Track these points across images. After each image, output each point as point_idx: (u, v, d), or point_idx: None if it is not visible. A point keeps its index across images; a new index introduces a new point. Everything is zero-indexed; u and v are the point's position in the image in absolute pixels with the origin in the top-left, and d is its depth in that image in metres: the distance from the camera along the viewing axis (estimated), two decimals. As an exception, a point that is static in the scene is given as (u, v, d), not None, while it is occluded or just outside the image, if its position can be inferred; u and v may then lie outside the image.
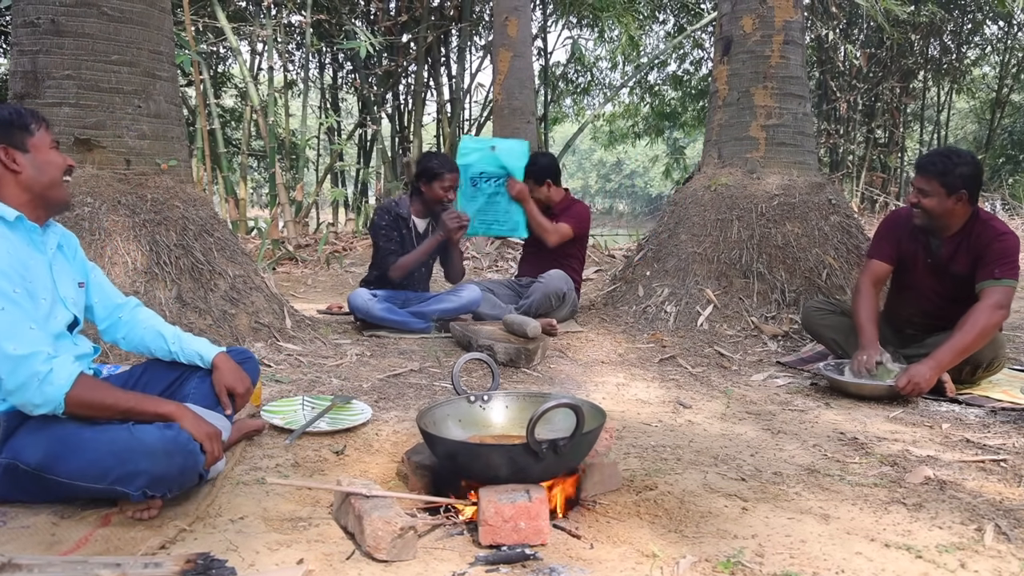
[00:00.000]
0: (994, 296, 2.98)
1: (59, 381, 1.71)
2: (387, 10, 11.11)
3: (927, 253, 3.23)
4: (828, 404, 3.01)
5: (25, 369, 1.68)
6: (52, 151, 1.93)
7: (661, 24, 14.82)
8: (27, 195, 1.88)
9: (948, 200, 3.05)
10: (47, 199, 1.93)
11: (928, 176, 3.06)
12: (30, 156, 1.87)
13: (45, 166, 1.90)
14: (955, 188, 3.03)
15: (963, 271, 3.12)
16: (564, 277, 4.40)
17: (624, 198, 50.69)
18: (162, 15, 3.59)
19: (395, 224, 4.27)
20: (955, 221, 3.12)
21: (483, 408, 2.18)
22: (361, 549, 1.64)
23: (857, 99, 12.36)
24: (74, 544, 1.65)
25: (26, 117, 1.89)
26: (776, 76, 4.81)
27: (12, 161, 1.85)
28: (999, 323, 2.99)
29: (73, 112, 3.35)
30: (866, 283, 3.33)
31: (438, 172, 4.18)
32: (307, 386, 3.10)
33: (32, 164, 1.88)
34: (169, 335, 2.18)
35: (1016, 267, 3.03)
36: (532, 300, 4.34)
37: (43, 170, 1.89)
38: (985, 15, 12.66)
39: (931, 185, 3.06)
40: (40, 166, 1.89)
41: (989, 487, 2.11)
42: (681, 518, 1.87)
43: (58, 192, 1.95)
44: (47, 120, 1.96)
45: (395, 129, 12.63)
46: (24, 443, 1.77)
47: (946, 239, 3.16)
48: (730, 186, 4.81)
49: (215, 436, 1.87)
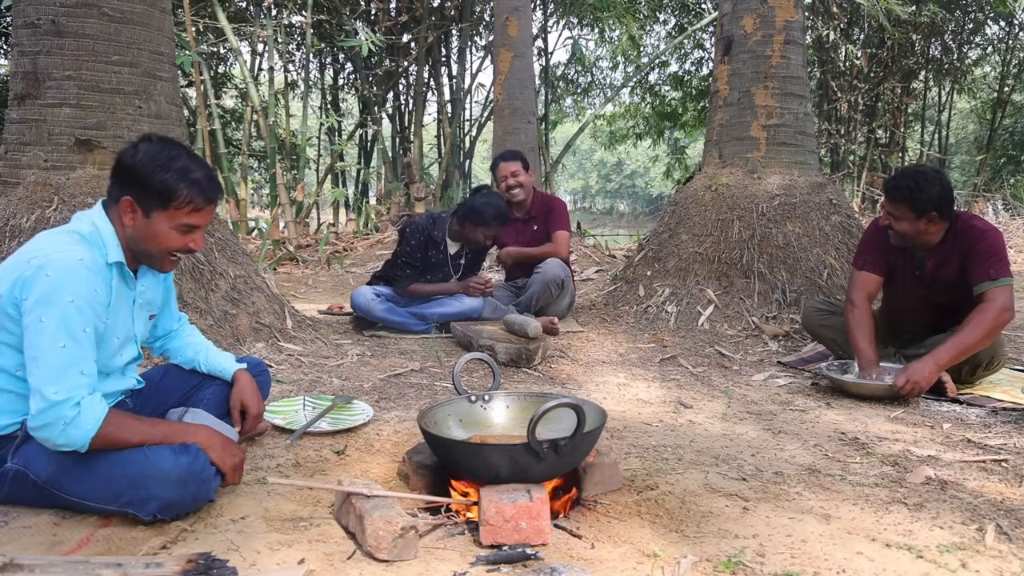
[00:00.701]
0: (1000, 298, 2.94)
1: (86, 425, 1.67)
2: (388, 10, 11.11)
3: (914, 265, 3.21)
4: (829, 404, 3.01)
5: (54, 412, 1.64)
6: (172, 231, 1.82)
7: (662, 24, 14.83)
8: (128, 246, 1.85)
9: (919, 222, 3.03)
10: (144, 259, 1.89)
11: (896, 202, 3.04)
12: (147, 222, 1.81)
13: (151, 238, 1.82)
14: (924, 211, 3.00)
15: (953, 277, 3.09)
16: (560, 264, 4.39)
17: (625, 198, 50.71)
18: (163, 16, 3.60)
19: (424, 246, 4.21)
20: (932, 238, 3.09)
21: (484, 408, 2.18)
22: (362, 549, 1.64)
23: (858, 99, 12.36)
24: (75, 544, 1.65)
25: (175, 189, 1.77)
26: (777, 76, 4.81)
27: (129, 213, 1.80)
28: (1004, 325, 2.96)
29: (74, 113, 3.35)
30: (860, 299, 3.24)
31: (486, 223, 4.08)
32: (308, 386, 3.10)
33: (142, 228, 1.81)
34: (199, 350, 2.23)
35: (1007, 262, 3.02)
36: (532, 292, 4.35)
37: (147, 240, 1.83)
38: (986, 15, 12.65)
39: (900, 210, 3.03)
40: (147, 235, 1.82)
41: (990, 487, 2.11)
42: (682, 518, 1.87)
43: (153, 263, 1.90)
44: (209, 202, 1.84)
45: (396, 129, 12.64)
46: (37, 454, 1.75)
47: (929, 251, 3.14)
48: (731, 186, 4.81)
49: (239, 467, 1.87)
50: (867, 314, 3.22)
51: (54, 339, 1.65)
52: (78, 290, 1.68)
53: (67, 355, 1.66)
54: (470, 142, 12.89)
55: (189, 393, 2.21)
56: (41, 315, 1.65)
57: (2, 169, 3.45)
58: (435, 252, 4.24)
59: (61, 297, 1.66)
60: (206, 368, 2.22)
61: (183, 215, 1.81)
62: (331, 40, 11.00)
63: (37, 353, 1.65)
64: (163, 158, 1.77)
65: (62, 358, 1.65)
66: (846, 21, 11.98)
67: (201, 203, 1.82)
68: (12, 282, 1.70)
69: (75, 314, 1.67)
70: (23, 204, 3.29)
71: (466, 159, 12.62)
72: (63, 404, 1.64)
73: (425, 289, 4.24)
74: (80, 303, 1.68)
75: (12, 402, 1.78)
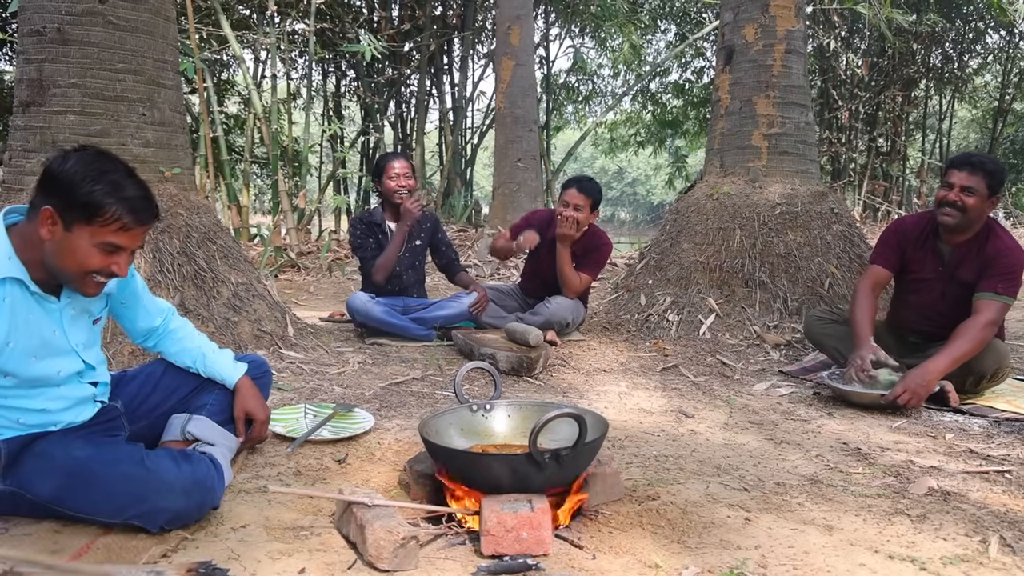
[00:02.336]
0: (990, 313, 3.00)
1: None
2: (390, 18, 11.15)
3: (938, 260, 3.24)
4: (831, 414, 3.00)
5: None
6: (94, 249, 1.66)
7: (663, 33, 14.87)
8: (44, 261, 1.70)
9: (988, 202, 3.07)
10: (62, 277, 1.73)
11: (977, 174, 3.05)
12: (68, 235, 1.64)
13: (69, 253, 1.66)
14: (996, 191, 3.07)
15: (970, 278, 3.13)
16: (572, 307, 4.28)
17: (626, 206, 50.74)
18: (167, 24, 3.61)
19: (369, 231, 4.34)
20: (978, 225, 3.13)
21: (485, 417, 2.18)
22: (363, 559, 1.63)
23: (859, 108, 12.39)
24: (76, 552, 1.64)
25: (102, 205, 1.63)
26: (778, 85, 4.82)
27: (48, 225, 1.64)
28: (989, 338, 3.03)
29: (78, 120, 3.36)
30: (865, 287, 3.34)
31: (382, 164, 4.30)
32: (309, 394, 3.10)
33: (61, 243, 1.65)
34: (196, 356, 2.16)
35: (1018, 285, 3.07)
36: (536, 322, 4.18)
37: (64, 255, 1.66)
38: (987, 24, 12.69)
39: (979, 184, 3.05)
40: (64, 250, 1.66)
41: (994, 498, 2.10)
42: (684, 528, 1.87)
43: (72, 283, 1.74)
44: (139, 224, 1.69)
45: (398, 137, 12.68)
46: (32, 475, 1.72)
47: (958, 245, 3.16)
48: (732, 195, 4.81)
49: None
50: (872, 302, 3.30)
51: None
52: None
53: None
54: (471, 150, 12.92)
55: (190, 396, 2.16)
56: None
57: (6, 176, 3.46)
58: (381, 235, 4.34)
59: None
60: (206, 375, 2.18)
61: (108, 232, 1.66)
62: (334, 48, 11.03)
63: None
64: (94, 170, 1.64)
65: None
66: (847, 30, 12.02)
67: (130, 223, 1.67)
68: None
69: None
70: (26, 211, 3.29)
71: (468, 167, 12.65)
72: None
73: (387, 254, 4.22)
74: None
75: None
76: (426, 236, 4.47)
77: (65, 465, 1.72)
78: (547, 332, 4.07)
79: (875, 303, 3.32)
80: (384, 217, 4.36)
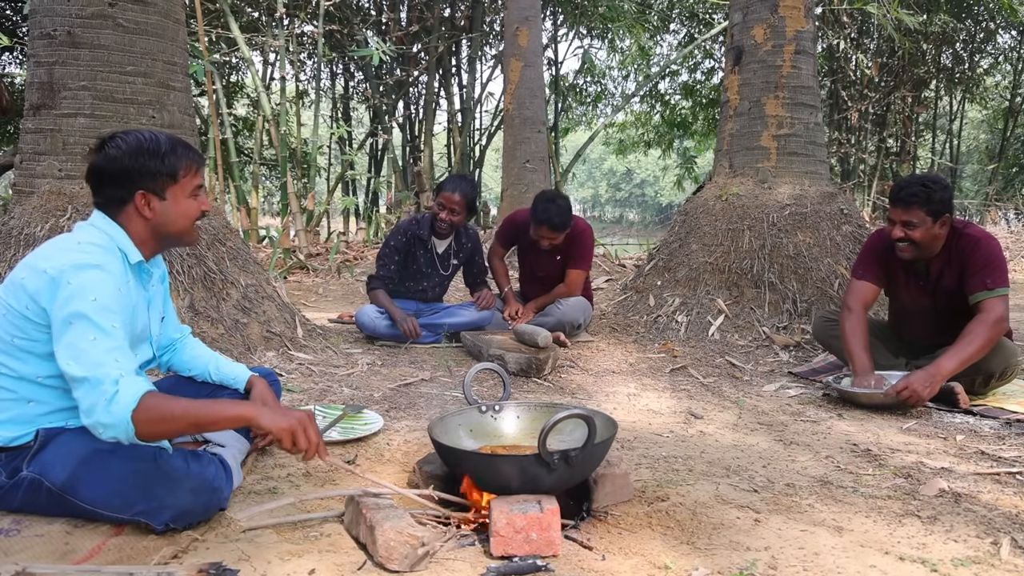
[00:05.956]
0: (995, 310, 2.96)
1: (125, 399, 1.65)
2: (398, 20, 11.18)
3: (916, 276, 3.21)
4: (841, 415, 2.99)
5: (95, 393, 1.64)
6: (189, 200, 1.92)
7: (672, 34, 14.85)
8: (153, 236, 1.92)
9: (934, 227, 3.02)
10: (171, 242, 1.98)
11: (912, 208, 3.01)
12: (166, 204, 1.88)
13: (177, 215, 1.91)
14: (939, 213, 3.00)
15: (954, 285, 3.10)
16: (583, 307, 4.31)
17: (634, 207, 50.70)
18: (176, 27, 3.63)
19: (406, 246, 4.23)
20: (939, 244, 3.09)
21: (494, 418, 2.18)
22: (373, 560, 1.64)
23: (869, 108, 12.33)
24: (87, 553, 1.65)
25: (176, 163, 1.88)
26: (787, 86, 4.81)
27: (146, 206, 1.87)
28: (1000, 336, 2.99)
29: (88, 123, 3.38)
30: (856, 306, 3.24)
31: (443, 185, 4.20)
32: (318, 395, 3.11)
33: (165, 211, 1.89)
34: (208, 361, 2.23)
35: (1004, 271, 3.02)
36: (546, 323, 4.23)
37: (174, 219, 1.91)
38: (997, 25, 12.61)
39: (916, 216, 3.01)
40: (173, 216, 1.90)
41: (1005, 500, 2.09)
42: (693, 530, 1.86)
43: (185, 238, 1.98)
44: (200, 162, 1.96)
45: (406, 139, 12.70)
46: (52, 460, 1.76)
47: (931, 260, 3.13)
48: (741, 196, 4.80)
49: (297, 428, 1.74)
50: (863, 321, 3.23)
51: (84, 335, 1.67)
52: (100, 291, 1.72)
53: (100, 345, 1.68)
54: (480, 151, 12.94)
55: None
56: (70, 318, 1.68)
57: (17, 178, 3.49)
58: (422, 251, 4.25)
59: (85, 298, 1.69)
60: (217, 378, 2.21)
61: (190, 181, 1.92)
62: (342, 50, 11.06)
63: (72, 352, 1.67)
64: (147, 145, 1.86)
65: (96, 348, 1.68)
66: (856, 30, 11.98)
67: (198, 164, 1.94)
68: (34, 291, 1.72)
69: (102, 311, 1.70)
70: (37, 213, 3.32)
71: (476, 168, 12.66)
72: (102, 382, 1.65)
73: (379, 300, 4.17)
74: (105, 301, 1.72)
75: (29, 412, 1.80)
76: (464, 256, 4.44)
77: (82, 454, 1.75)
78: (557, 333, 4.07)
79: (867, 324, 3.25)
80: (432, 234, 4.23)
